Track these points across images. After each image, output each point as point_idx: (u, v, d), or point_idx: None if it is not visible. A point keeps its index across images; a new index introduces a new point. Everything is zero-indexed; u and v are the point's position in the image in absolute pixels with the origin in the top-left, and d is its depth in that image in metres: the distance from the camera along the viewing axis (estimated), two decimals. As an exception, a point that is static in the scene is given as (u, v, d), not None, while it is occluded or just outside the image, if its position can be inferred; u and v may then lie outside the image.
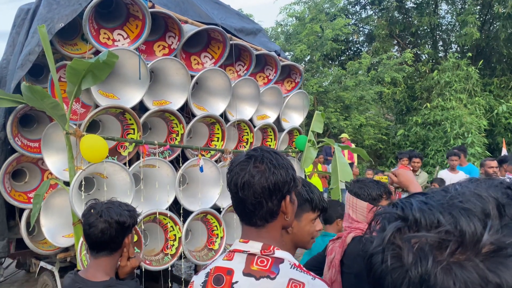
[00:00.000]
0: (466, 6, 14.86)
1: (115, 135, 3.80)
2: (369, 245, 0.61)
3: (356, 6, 16.57)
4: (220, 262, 1.28)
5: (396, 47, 16.87)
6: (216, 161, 4.46)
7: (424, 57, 15.92)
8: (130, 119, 3.76)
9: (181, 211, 3.99)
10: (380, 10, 15.96)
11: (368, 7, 16.43)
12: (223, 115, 4.56)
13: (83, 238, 1.85)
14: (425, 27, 15.46)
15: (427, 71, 14.57)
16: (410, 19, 15.72)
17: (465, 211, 0.53)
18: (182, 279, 4.43)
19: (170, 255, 3.91)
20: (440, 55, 16.03)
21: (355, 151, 8.31)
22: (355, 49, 17.33)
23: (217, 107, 4.53)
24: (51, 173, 3.74)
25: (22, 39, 3.73)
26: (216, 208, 4.35)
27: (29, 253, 4.16)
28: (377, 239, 0.59)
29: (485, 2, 14.50)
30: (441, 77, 13.02)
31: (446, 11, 16.17)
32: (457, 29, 15.40)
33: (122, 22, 3.88)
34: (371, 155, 13.81)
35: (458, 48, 15.57)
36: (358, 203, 2.05)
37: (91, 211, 1.75)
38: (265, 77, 5.27)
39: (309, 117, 6.57)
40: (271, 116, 5.30)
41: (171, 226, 3.94)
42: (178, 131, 4.19)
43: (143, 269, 3.68)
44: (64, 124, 3.31)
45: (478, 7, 14.86)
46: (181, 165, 4.06)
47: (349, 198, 2.09)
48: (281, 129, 5.41)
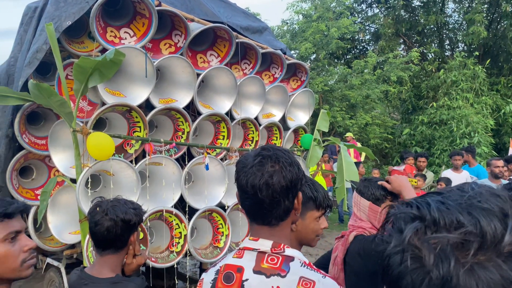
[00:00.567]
0: (474, 5, 14.75)
1: (121, 132, 3.82)
2: (381, 245, 0.61)
3: (362, 5, 16.51)
4: (230, 259, 1.28)
5: (402, 45, 16.79)
6: (221, 159, 4.47)
7: (431, 56, 15.84)
8: (136, 117, 3.78)
9: (186, 209, 4.00)
10: (386, 8, 15.88)
11: (374, 5, 16.36)
12: (229, 113, 4.56)
13: (89, 235, 1.86)
14: (432, 26, 15.37)
15: (433, 70, 14.49)
16: (417, 17, 15.63)
17: (485, 211, 0.53)
18: (187, 277, 4.45)
19: (176, 252, 3.92)
20: (446, 54, 15.93)
21: (360, 150, 8.30)
22: (361, 47, 17.28)
23: (223, 105, 4.53)
24: (58, 170, 3.77)
25: (29, 37, 3.75)
26: (221, 206, 4.36)
27: (36, 249, 4.19)
28: (394, 239, 0.58)
29: (492, 1, 14.38)
30: (447, 76, 12.94)
31: (453, 9, 16.08)
32: (464, 27, 15.29)
33: (128, 20, 3.89)
34: (376, 154, 13.77)
35: (465, 47, 15.45)
36: (361, 201, 2.06)
37: (97, 209, 1.76)
38: (270, 75, 5.27)
39: (314, 115, 6.56)
40: (276, 114, 5.30)
41: (177, 224, 3.95)
42: (184, 129, 4.20)
43: (149, 266, 3.70)
44: (71, 122, 3.33)
45: (486, 5, 14.74)
46: (186, 163, 4.08)
47: (355, 196, 2.11)
48: (286, 128, 5.41)
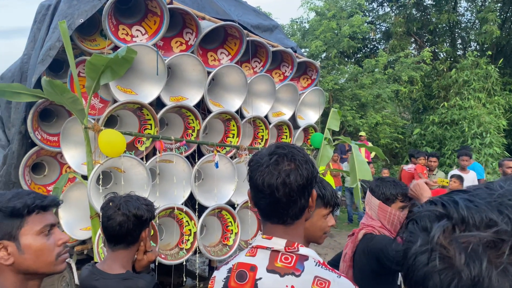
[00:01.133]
0: (487, 4, 14.56)
1: (132, 130, 3.84)
2: (400, 245, 0.59)
3: (373, 3, 16.38)
4: (242, 258, 1.27)
5: (414, 45, 16.64)
6: (231, 157, 4.47)
7: (442, 55, 15.67)
8: (147, 115, 3.79)
9: (196, 206, 4.01)
10: (398, 7, 15.75)
11: (385, 4, 16.23)
12: (239, 111, 4.56)
13: (101, 230, 1.87)
14: (444, 25, 15.20)
15: (445, 69, 14.34)
16: (428, 16, 15.47)
17: None
18: (196, 274, 4.47)
19: (185, 249, 3.94)
20: (458, 53, 15.75)
21: (371, 150, 8.25)
22: (371, 46, 17.16)
23: (233, 103, 4.53)
24: (69, 167, 3.80)
25: (43, 35, 3.78)
26: (230, 204, 4.36)
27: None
28: (420, 239, 0.56)
29: (506, 0, 14.18)
30: (459, 76, 12.80)
31: (465, 8, 15.89)
32: (477, 26, 15.10)
33: (140, 18, 3.91)
34: (386, 154, 13.67)
35: (478, 46, 15.26)
36: (372, 200, 2.07)
37: (110, 204, 1.78)
38: (281, 73, 5.25)
39: (324, 114, 6.54)
40: (286, 113, 5.28)
41: (187, 221, 3.97)
42: (194, 127, 4.21)
43: (158, 263, 3.72)
44: (82, 119, 3.35)
45: (499, 4, 14.54)
46: (196, 160, 4.09)
47: (367, 194, 2.12)
48: (296, 126, 5.39)
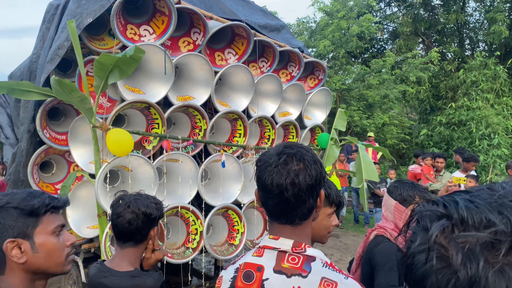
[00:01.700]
0: (495, 4, 14.43)
1: (140, 129, 3.86)
2: (407, 244, 0.59)
3: (381, 3, 16.31)
4: (249, 258, 1.26)
5: (421, 45, 16.55)
6: (238, 157, 4.48)
7: (450, 56, 15.57)
8: (155, 114, 3.81)
9: (202, 206, 4.02)
10: (405, 7, 15.67)
11: (393, 4, 16.16)
12: (246, 111, 4.56)
13: (110, 228, 1.88)
14: (452, 25, 15.10)
15: (452, 70, 14.24)
16: (436, 16, 15.38)
17: None
18: (202, 273, 4.48)
19: (192, 248, 3.95)
20: (466, 53, 15.64)
21: (378, 150, 8.21)
22: (378, 46, 17.09)
23: (240, 103, 4.54)
24: (77, 165, 3.83)
25: (52, 34, 3.81)
26: (237, 203, 4.37)
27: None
28: (419, 237, 0.56)
29: (515, -1, 14.05)
30: (467, 76, 12.71)
31: (474, 8, 15.76)
32: (485, 27, 14.98)
33: (148, 18, 3.93)
34: (393, 154, 13.60)
35: (486, 46, 15.14)
36: (389, 200, 2.07)
37: (120, 201, 1.79)
38: (288, 73, 5.25)
39: (331, 115, 6.52)
40: (293, 113, 5.28)
41: (193, 220, 3.98)
42: (201, 126, 4.22)
43: (164, 262, 3.73)
44: (91, 118, 3.38)
45: (508, 4, 14.40)
46: (203, 160, 4.10)
47: (385, 195, 2.13)
48: (303, 126, 5.39)
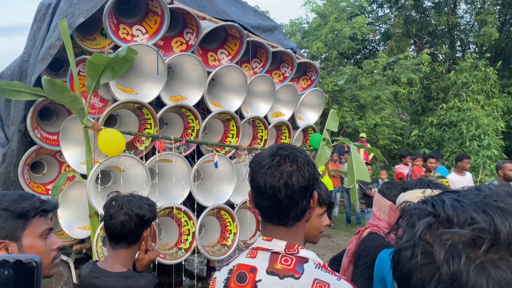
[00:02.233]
0: (486, 6, 14.60)
1: (132, 129, 3.85)
2: (396, 241, 0.61)
3: (373, 5, 16.41)
4: (243, 259, 1.27)
5: (413, 46, 16.67)
6: (230, 157, 4.48)
7: (441, 57, 15.71)
8: (147, 114, 3.80)
9: (195, 206, 4.02)
10: (397, 8, 15.78)
11: (385, 5, 16.26)
12: (238, 111, 4.57)
13: (103, 229, 1.88)
14: (443, 27, 15.24)
15: (443, 71, 14.37)
16: (428, 18, 15.51)
17: (500, 210, 0.52)
18: (194, 274, 4.47)
19: (184, 249, 3.94)
20: (457, 55, 15.80)
21: (370, 151, 8.27)
22: (370, 47, 17.19)
23: (233, 103, 4.54)
24: (68, 166, 3.80)
25: (43, 33, 3.78)
26: (229, 204, 4.37)
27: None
28: (406, 234, 0.58)
29: (505, 2, 14.21)
30: (458, 78, 12.84)
31: (464, 10, 15.92)
32: (476, 29, 15.14)
33: (141, 18, 3.91)
34: (385, 155, 13.69)
35: (477, 48, 15.31)
36: (383, 201, 2.10)
37: (113, 203, 1.78)
38: (280, 74, 5.26)
39: (323, 115, 6.54)
40: (286, 113, 5.29)
41: (185, 221, 3.97)
42: (193, 126, 4.22)
43: (157, 262, 3.72)
44: (82, 118, 3.36)
45: (498, 7, 14.58)
46: (196, 160, 4.09)
47: (376, 196, 2.15)
48: (295, 127, 5.40)
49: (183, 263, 3.97)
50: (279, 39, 5.38)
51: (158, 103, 4.04)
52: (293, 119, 5.38)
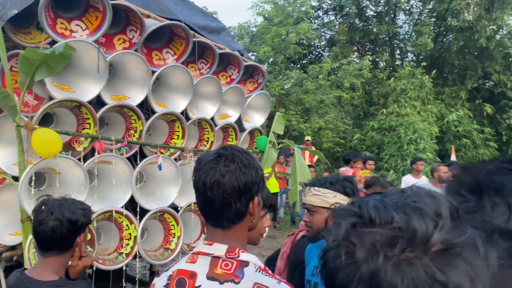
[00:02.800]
0: (422, 17, 15.53)
1: (69, 129, 3.66)
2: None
3: (319, 11, 16.89)
4: (183, 264, 1.25)
5: (356, 53, 17.36)
6: (175, 159, 4.40)
7: (382, 64, 16.48)
8: (86, 113, 3.63)
9: (137, 210, 3.90)
10: (342, 16, 16.37)
11: (330, 12, 16.80)
12: (184, 112, 4.50)
13: (32, 235, 1.76)
14: (384, 36, 16.01)
15: (384, 78, 15.09)
16: (370, 26, 16.23)
17: (418, 210, 0.55)
18: (136, 279, 4.33)
19: (125, 254, 3.81)
20: (397, 63, 16.66)
21: (313, 153, 8.47)
22: (316, 53, 17.68)
23: (178, 104, 4.46)
24: (-2, 167, 3.54)
25: (-30, 24, 3.50)
26: (173, 207, 4.29)
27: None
28: (332, 235, 0.59)
29: (439, 15, 15.21)
30: (397, 85, 13.52)
31: (403, 21, 16.84)
32: (413, 39, 16.05)
33: (81, 13, 3.74)
34: (328, 158, 14.11)
35: (414, 57, 16.23)
36: None
37: (42, 207, 1.67)
38: (227, 76, 5.26)
39: (270, 118, 6.62)
40: (232, 115, 5.29)
41: (127, 225, 3.84)
42: (136, 127, 4.09)
43: (96, 268, 3.56)
44: (14, 116, 3.14)
45: (433, 19, 15.56)
46: (138, 162, 3.97)
47: None
48: (242, 129, 5.41)
49: (124, 268, 3.83)
50: (226, 41, 5.37)
51: (99, 102, 3.87)
52: (239, 121, 5.39)
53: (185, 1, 5.24)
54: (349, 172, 7.92)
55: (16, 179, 3.33)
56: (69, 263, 1.76)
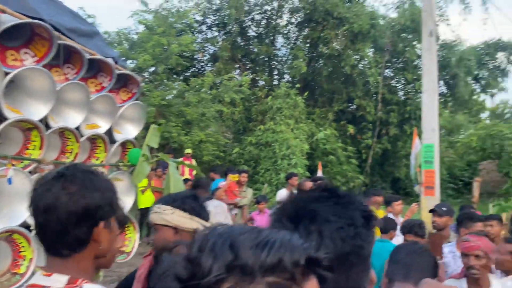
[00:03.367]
0: (298, 43, 16.80)
1: None
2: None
3: (203, 26, 17.09)
4: None
5: (238, 70, 17.95)
6: (30, 172, 3.94)
7: (261, 83, 17.32)
8: None
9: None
10: (225, 33, 16.81)
11: (214, 28, 17.12)
12: (44, 120, 4.08)
13: None
14: (263, 56, 16.87)
15: (262, 96, 15.85)
16: (251, 46, 16.97)
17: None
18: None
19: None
20: (275, 83, 17.66)
21: (190, 167, 8.43)
22: (199, 67, 17.80)
23: (37, 111, 4.02)
24: None
25: None
26: (25, 225, 3.82)
27: None
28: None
29: (313, 41, 16.65)
30: (274, 103, 14.33)
31: (282, 43, 18.00)
32: (290, 61, 17.24)
33: None
34: (208, 171, 14.20)
35: (290, 78, 17.41)
36: None
37: None
38: (98, 83, 4.93)
39: (148, 130, 6.41)
40: (102, 126, 4.97)
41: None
42: (-18, 135, 3.57)
43: None
44: None
45: (307, 45, 16.96)
46: (-18, 175, 3.46)
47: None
48: (113, 141, 5.11)
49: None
50: (99, 46, 5.07)
51: None
52: (110, 132, 5.09)
53: (53, 0, 4.82)
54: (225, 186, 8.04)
55: None
56: None
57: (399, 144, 17.13)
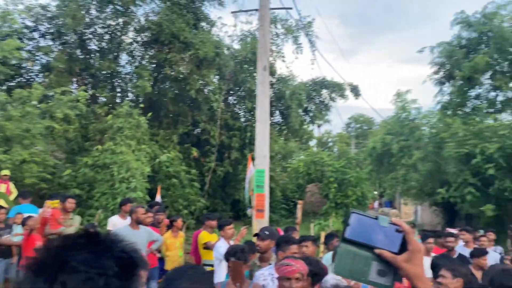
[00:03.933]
0: (143, 62, 16.40)
1: None
2: None
3: (34, 32, 15.31)
4: None
5: (76, 84, 16.51)
6: None
7: (102, 100, 16.25)
8: None
9: None
10: (61, 43, 15.37)
11: (48, 36, 15.49)
12: None
13: None
14: (105, 72, 15.93)
15: (102, 114, 14.85)
16: (92, 60, 15.86)
17: None
18: None
19: None
20: (117, 101, 16.76)
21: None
22: (28, 77, 15.80)
23: None
24: None
25: None
26: None
27: None
28: None
29: (159, 62, 16.44)
30: (114, 122, 13.51)
31: (126, 61, 17.29)
32: (134, 80, 16.66)
33: None
34: (33, 194, 12.45)
35: (134, 97, 16.78)
36: None
37: None
38: None
39: None
40: None
41: None
42: None
43: None
44: None
45: (153, 65, 16.69)
46: None
47: None
48: None
49: None
50: None
51: None
52: None
53: None
54: (47, 214, 7.14)
55: None
56: None
57: (239, 167, 17.96)
